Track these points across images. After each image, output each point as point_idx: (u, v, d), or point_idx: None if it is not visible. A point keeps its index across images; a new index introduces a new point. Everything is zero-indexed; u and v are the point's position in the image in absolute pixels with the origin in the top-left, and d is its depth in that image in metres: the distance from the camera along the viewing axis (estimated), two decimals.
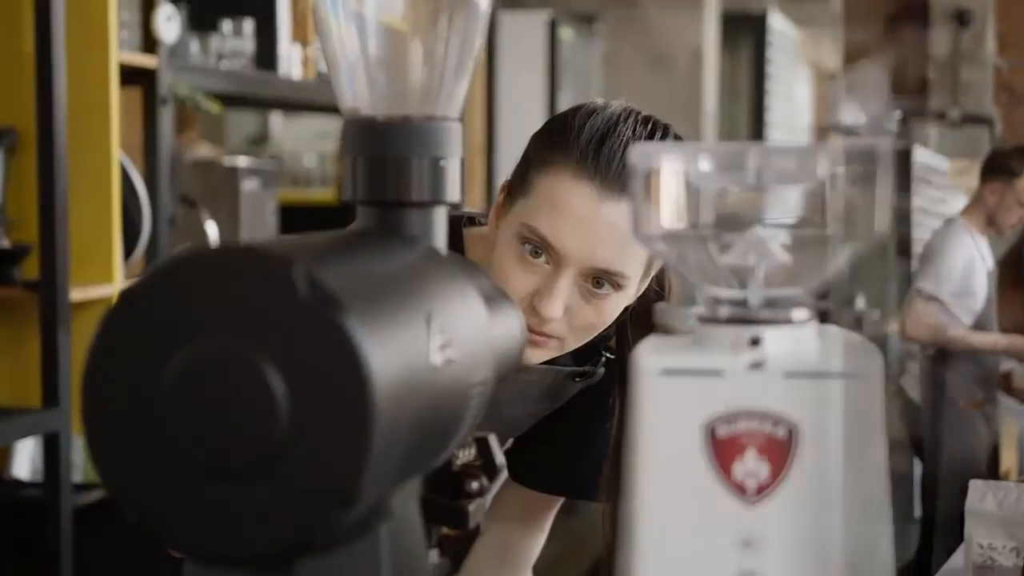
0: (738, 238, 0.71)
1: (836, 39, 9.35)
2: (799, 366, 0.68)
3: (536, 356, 1.33)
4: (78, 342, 2.56)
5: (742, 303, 0.71)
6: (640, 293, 1.37)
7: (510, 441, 1.49)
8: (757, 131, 7.87)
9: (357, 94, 0.80)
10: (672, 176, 0.72)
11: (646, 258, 1.31)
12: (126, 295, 0.64)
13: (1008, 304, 5.80)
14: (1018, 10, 8.11)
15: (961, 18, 7.62)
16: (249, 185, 3.37)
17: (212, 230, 3.20)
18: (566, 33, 5.73)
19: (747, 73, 7.81)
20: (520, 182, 1.33)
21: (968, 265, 4.70)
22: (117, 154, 2.74)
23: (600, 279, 1.29)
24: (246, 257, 0.63)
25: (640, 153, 0.72)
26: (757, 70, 7.79)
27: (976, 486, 2.07)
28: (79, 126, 2.66)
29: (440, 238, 0.80)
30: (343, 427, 0.61)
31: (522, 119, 5.06)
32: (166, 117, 2.97)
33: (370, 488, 0.63)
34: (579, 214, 1.27)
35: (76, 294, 2.59)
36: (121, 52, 2.82)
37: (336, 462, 0.61)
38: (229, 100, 3.62)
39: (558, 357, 1.41)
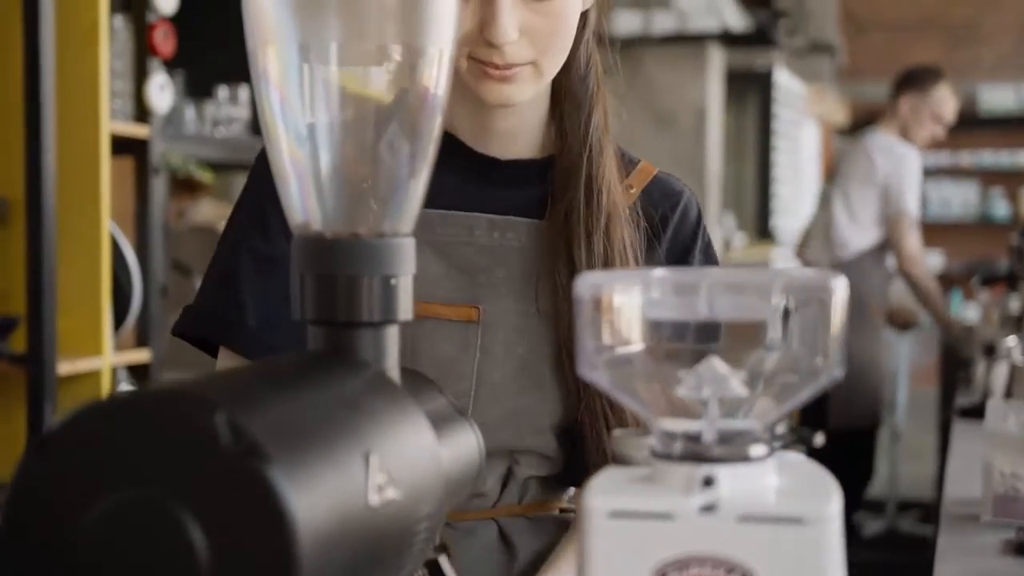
0: (691, 369, 0.68)
1: (842, 92, 9.37)
2: (754, 509, 0.65)
3: (516, 92, 1.26)
4: None
5: (696, 437, 0.68)
6: None
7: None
8: (763, 186, 7.85)
9: (307, 209, 0.77)
10: (621, 305, 0.69)
11: None
12: (44, 440, 0.61)
13: None
14: None
15: None
16: None
17: None
18: None
19: (753, 129, 7.80)
20: None
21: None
22: (107, 225, 2.72)
23: None
24: (167, 402, 0.60)
25: (587, 282, 0.69)
26: (763, 126, 7.78)
27: (995, 406, 1.87)
28: (69, 196, 2.64)
29: (391, 359, 0.77)
30: None
31: None
32: (158, 187, 2.95)
33: None
34: None
35: (64, 367, 2.56)
36: (114, 122, 2.80)
37: None
38: (225, 165, 3.61)
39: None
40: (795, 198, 8.47)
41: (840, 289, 0.66)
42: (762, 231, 7.68)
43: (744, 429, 0.68)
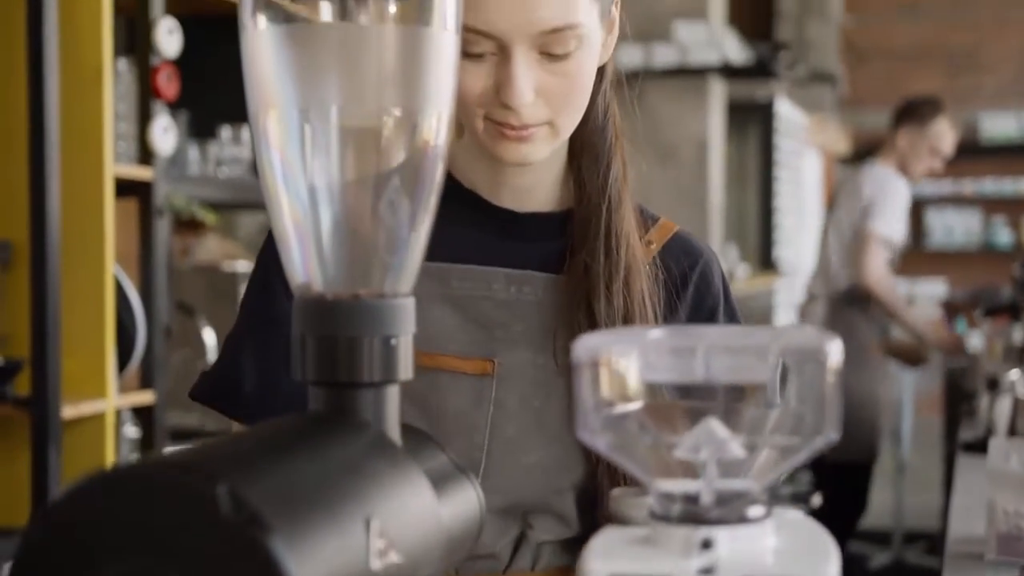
0: (689, 431, 0.69)
1: (843, 122, 9.39)
2: (753, 571, 0.65)
3: (533, 152, 1.25)
4: (69, 460, 2.53)
5: (694, 499, 0.69)
6: (608, 43, 1.29)
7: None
8: (765, 217, 7.85)
9: (308, 270, 0.78)
10: (618, 368, 0.69)
11: None
12: (45, 514, 0.61)
13: None
14: None
15: None
16: None
17: (210, 338, 3.19)
18: None
19: (755, 160, 7.81)
20: None
21: (906, 210, 4.70)
22: (111, 268, 2.73)
23: (554, 52, 1.21)
24: (167, 474, 0.60)
25: (585, 345, 0.70)
26: (765, 156, 7.79)
27: (998, 444, 1.88)
28: (73, 239, 2.65)
29: (392, 419, 0.78)
30: None
31: None
32: (162, 228, 2.96)
33: None
34: None
35: (68, 411, 2.56)
36: (117, 164, 2.81)
37: None
38: (228, 205, 3.62)
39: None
40: (798, 228, 8.48)
41: (835, 352, 0.67)
42: (765, 262, 7.69)
43: (742, 490, 0.69)
